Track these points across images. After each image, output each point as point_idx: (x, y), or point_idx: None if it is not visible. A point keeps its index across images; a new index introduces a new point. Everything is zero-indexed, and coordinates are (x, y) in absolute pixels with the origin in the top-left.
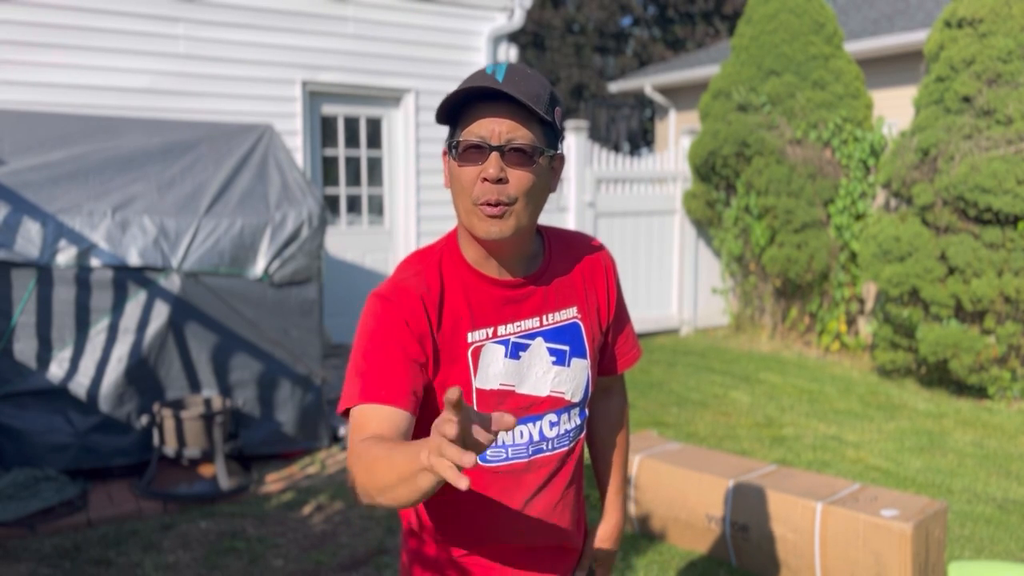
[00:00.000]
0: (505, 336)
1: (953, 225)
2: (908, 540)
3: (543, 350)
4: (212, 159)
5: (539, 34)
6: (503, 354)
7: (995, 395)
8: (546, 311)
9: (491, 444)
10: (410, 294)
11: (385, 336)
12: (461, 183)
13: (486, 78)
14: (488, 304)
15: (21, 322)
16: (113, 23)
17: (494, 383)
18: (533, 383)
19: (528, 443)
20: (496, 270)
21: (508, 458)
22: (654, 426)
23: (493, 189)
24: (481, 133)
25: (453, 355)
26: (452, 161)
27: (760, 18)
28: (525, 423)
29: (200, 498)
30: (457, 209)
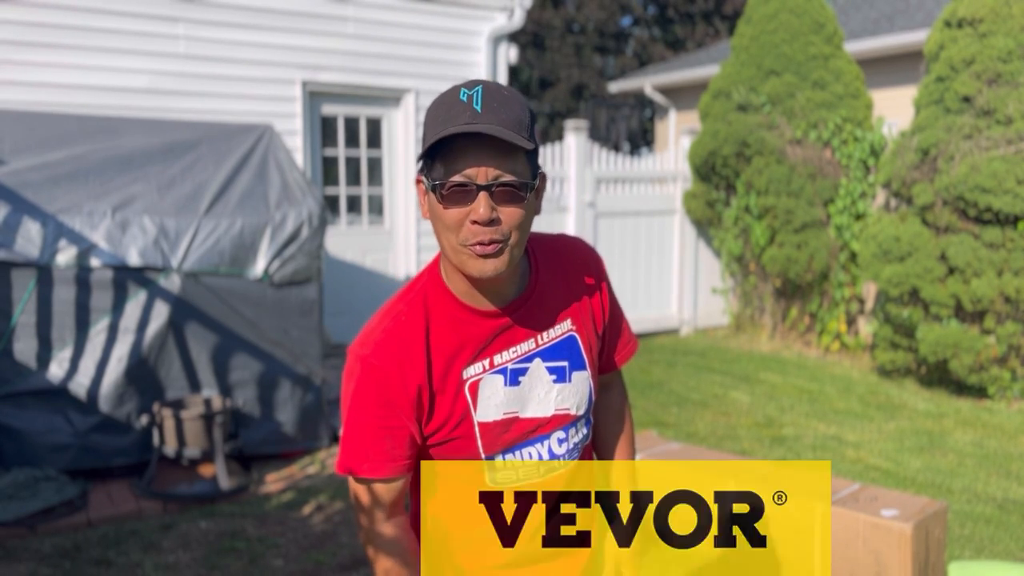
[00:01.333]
0: (502, 364)
1: (953, 225)
2: (908, 540)
3: (542, 371)
4: (212, 159)
5: (539, 34)
6: (502, 383)
7: (995, 395)
8: (540, 330)
9: None
10: (394, 351)
11: (371, 407)
12: (446, 223)
13: (466, 111)
14: (481, 337)
15: (21, 322)
16: (113, 23)
17: (496, 414)
18: (536, 405)
19: (538, 463)
20: (486, 302)
21: (520, 479)
22: (654, 426)
23: (485, 231)
24: (467, 172)
25: (450, 394)
26: (433, 199)
27: (760, 18)
28: (532, 444)
29: (200, 498)
30: (442, 246)
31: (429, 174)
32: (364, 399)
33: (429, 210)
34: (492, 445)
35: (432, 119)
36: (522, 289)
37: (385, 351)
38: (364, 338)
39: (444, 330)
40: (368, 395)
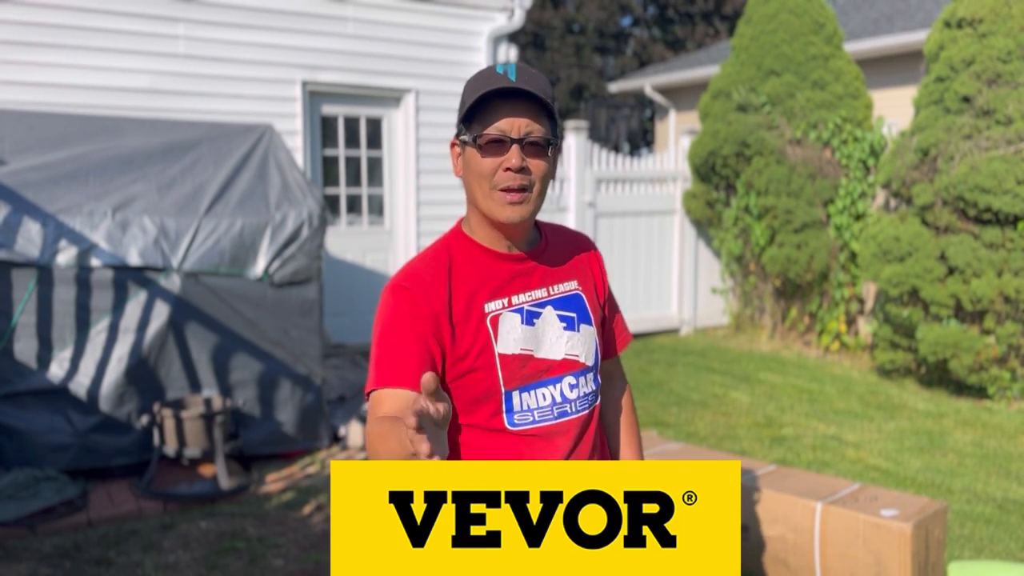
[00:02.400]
0: (519, 305)
1: (953, 225)
2: (908, 540)
3: (554, 317)
4: (212, 159)
5: (539, 34)
6: (520, 321)
7: (995, 395)
8: (551, 283)
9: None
10: (420, 277)
11: (397, 322)
12: (481, 171)
13: (502, 79)
14: (500, 277)
15: (21, 322)
16: (113, 23)
17: (515, 348)
18: (548, 347)
19: (552, 405)
20: (506, 247)
21: (535, 421)
22: (654, 426)
23: (516, 177)
24: (502, 127)
25: (473, 325)
26: (471, 151)
27: (760, 18)
28: (546, 385)
29: (200, 498)
30: (475, 195)
31: (467, 131)
32: (397, 314)
33: (464, 165)
34: (511, 379)
35: (471, 88)
36: (535, 246)
37: (411, 278)
38: (397, 274)
39: (466, 268)
40: (401, 310)
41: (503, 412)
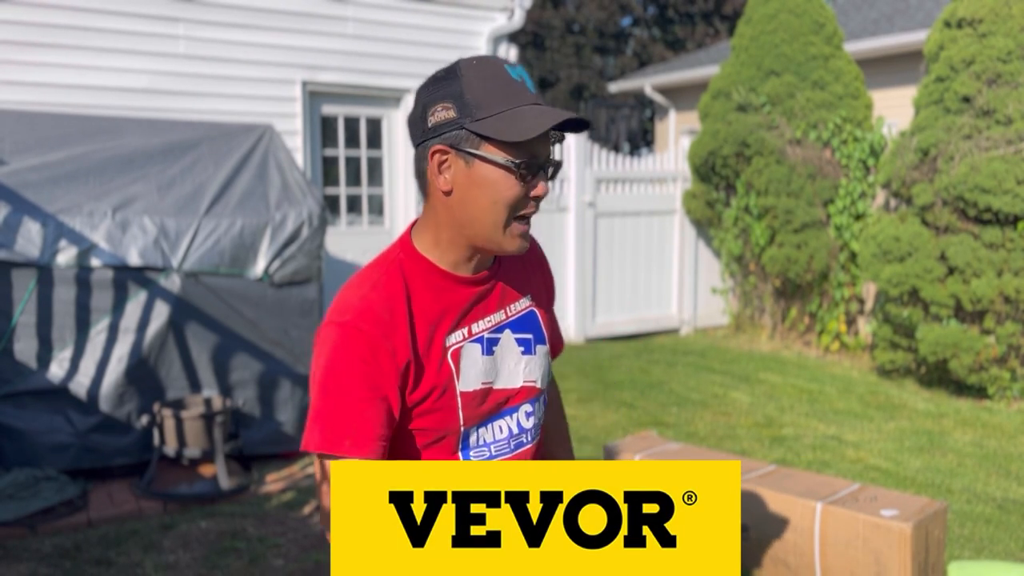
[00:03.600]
0: (479, 333)
1: (953, 225)
2: (908, 540)
3: (512, 342)
4: (212, 159)
5: (539, 34)
6: (480, 352)
7: (995, 395)
8: (508, 303)
9: None
10: (377, 314)
11: (352, 374)
12: (508, 198)
13: (525, 91)
14: (460, 304)
15: (21, 322)
16: (113, 23)
17: (476, 383)
18: (507, 376)
19: (509, 437)
20: (470, 271)
21: (492, 456)
22: (654, 426)
23: (535, 206)
24: (539, 152)
25: (435, 364)
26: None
27: (760, 18)
28: (503, 416)
29: (200, 498)
30: (479, 223)
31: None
32: (346, 367)
33: (472, 183)
34: (471, 417)
35: (486, 92)
36: (492, 263)
37: (368, 317)
38: (341, 307)
39: (425, 297)
40: (351, 362)
41: (459, 450)
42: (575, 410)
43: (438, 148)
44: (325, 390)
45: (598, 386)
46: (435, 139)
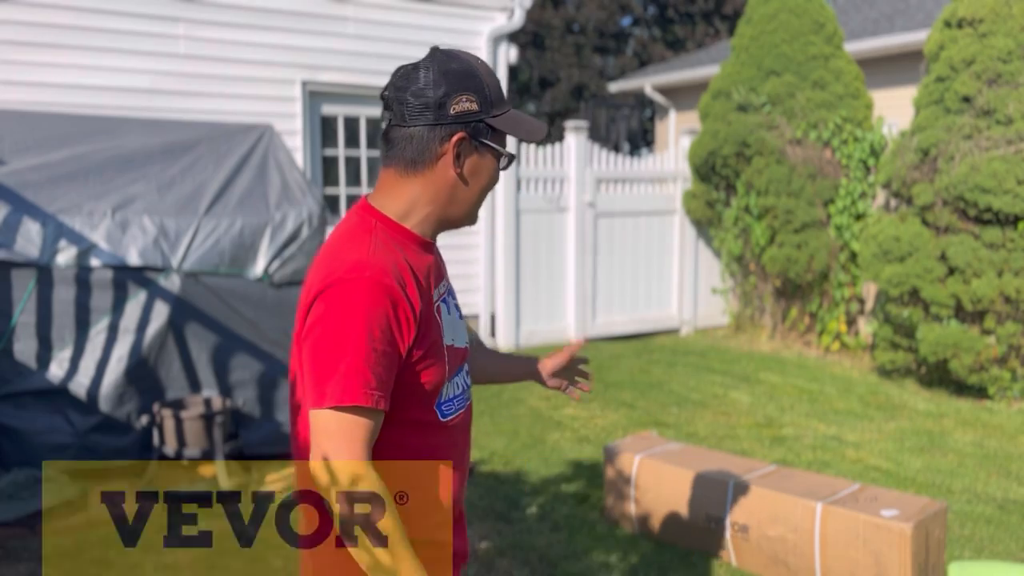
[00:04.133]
0: (443, 295)
1: (953, 225)
2: (908, 540)
3: (454, 307)
4: (212, 159)
5: (539, 34)
6: (446, 311)
7: (995, 395)
8: (446, 273)
9: None
10: (387, 268)
11: (380, 329)
12: (489, 185)
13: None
14: (431, 267)
15: (21, 322)
16: (113, 23)
17: (450, 339)
18: (459, 336)
19: (461, 393)
20: (432, 238)
21: (456, 410)
22: (654, 426)
23: None
24: (512, 151)
25: (430, 317)
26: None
27: (760, 18)
28: (459, 374)
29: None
30: (465, 203)
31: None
32: (379, 321)
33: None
34: (451, 370)
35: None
36: None
37: (388, 271)
38: (352, 265)
39: (413, 257)
40: (383, 317)
41: (437, 404)
42: (575, 410)
43: (463, 135)
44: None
45: (598, 386)
46: (458, 126)
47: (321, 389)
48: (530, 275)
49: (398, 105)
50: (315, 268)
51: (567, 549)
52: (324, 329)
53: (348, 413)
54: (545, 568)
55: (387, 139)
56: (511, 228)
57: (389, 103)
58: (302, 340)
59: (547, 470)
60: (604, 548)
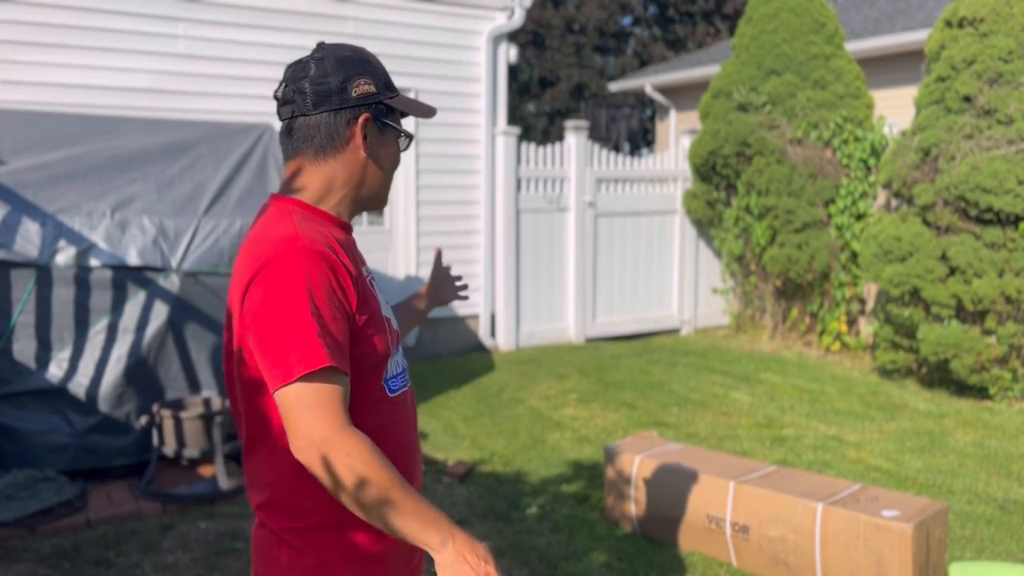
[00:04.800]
0: (370, 275)
1: (954, 225)
2: (909, 540)
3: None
4: (211, 159)
5: (539, 34)
6: (376, 289)
7: (996, 395)
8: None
9: None
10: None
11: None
12: (395, 163)
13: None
14: (352, 248)
15: (20, 322)
16: (113, 23)
17: (387, 312)
18: (393, 317)
19: (403, 370)
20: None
21: (401, 385)
22: (654, 426)
23: None
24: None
25: (363, 289)
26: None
27: (760, 18)
28: (399, 351)
29: (200, 498)
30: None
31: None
32: (325, 287)
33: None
34: (393, 342)
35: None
36: None
37: (319, 242)
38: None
39: (337, 236)
40: (327, 282)
41: (384, 379)
42: (575, 410)
43: (368, 116)
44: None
45: (598, 386)
46: (361, 108)
47: (285, 365)
48: (530, 275)
49: (300, 96)
50: (242, 257)
51: (567, 549)
52: (270, 308)
53: (318, 381)
54: (545, 568)
55: (290, 132)
56: (511, 228)
57: (289, 97)
58: (247, 329)
59: (547, 470)
60: (604, 548)
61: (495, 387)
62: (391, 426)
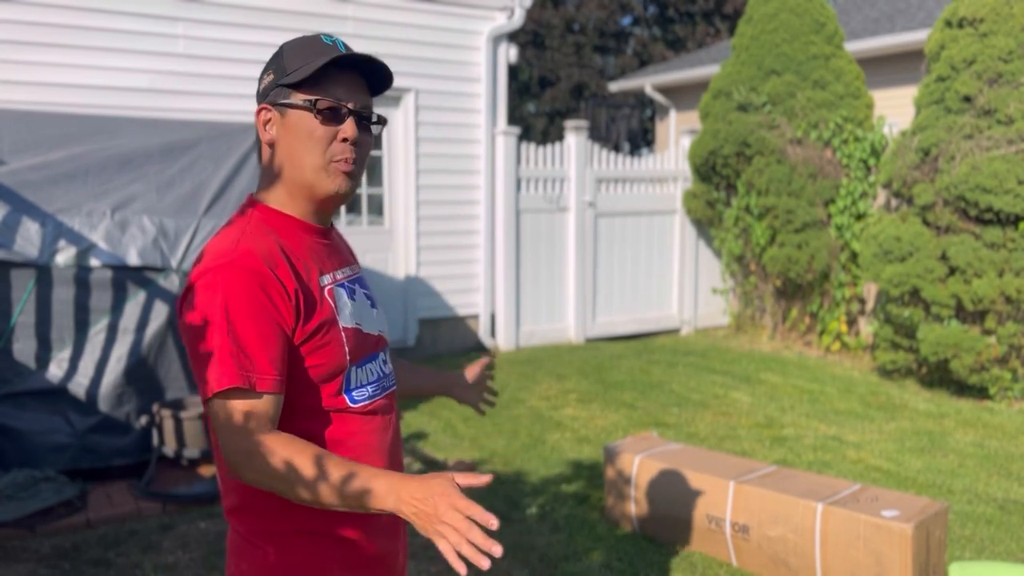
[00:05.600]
0: (341, 280)
1: (954, 225)
2: (909, 540)
3: (363, 295)
4: (211, 159)
5: (539, 34)
6: (346, 296)
7: (996, 395)
8: (350, 262)
9: None
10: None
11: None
12: (316, 139)
13: (335, 50)
14: (320, 251)
15: (20, 322)
16: (113, 23)
17: (351, 322)
18: (369, 322)
19: (378, 379)
20: (317, 221)
21: (371, 396)
22: (654, 426)
23: (349, 149)
24: (340, 97)
25: (316, 300)
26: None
27: (760, 18)
28: (372, 361)
29: (199, 498)
30: (300, 164)
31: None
32: (246, 303)
33: (287, 131)
34: (354, 353)
35: (296, 55)
36: (328, 224)
37: (250, 256)
38: (216, 253)
39: (292, 242)
40: (250, 298)
41: (344, 391)
42: (575, 410)
43: (263, 107)
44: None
45: (598, 386)
46: (263, 101)
47: (203, 382)
48: (530, 275)
49: None
50: (194, 265)
51: (567, 549)
52: (195, 321)
53: (232, 399)
54: (545, 568)
55: None
56: (511, 228)
57: None
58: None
59: (547, 470)
60: (604, 548)
61: (495, 387)
62: (355, 436)
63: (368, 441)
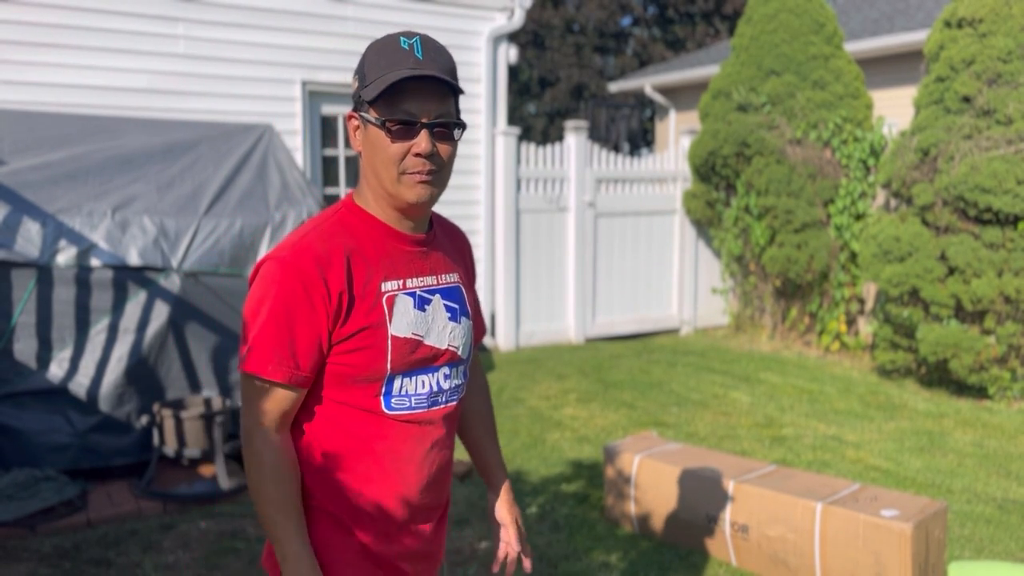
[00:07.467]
0: (413, 289)
1: (953, 225)
2: (908, 540)
3: (441, 307)
4: (212, 159)
5: (539, 34)
6: (412, 305)
7: (995, 395)
8: (440, 271)
9: None
10: (314, 253)
11: (293, 307)
12: (389, 155)
13: (409, 57)
14: (396, 258)
15: (21, 322)
16: (113, 23)
17: (407, 332)
18: (436, 335)
19: (429, 393)
20: (404, 228)
21: (411, 407)
22: (654, 426)
23: (425, 162)
24: (411, 111)
25: (368, 304)
26: (377, 133)
27: (760, 18)
28: (426, 373)
29: (200, 498)
30: (379, 176)
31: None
32: (284, 300)
33: (367, 143)
34: (398, 363)
35: (375, 64)
36: (427, 231)
37: (305, 254)
38: (283, 245)
39: (366, 245)
40: (289, 295)
41: (382, 395)
42: (575, 410)
43: (350, 114)
44: (266, 319)
45: (598, 386)
46: (351, 109)
47: (241, 356)
48: (530, 275)
49: None
50: None
51: (567, 549)
52: (247, 303)
53: (256, 381)
54: (545, 568)
55: None
56: (511, 228)
57: None
58: None
59: (547, 470)
60: (604, 548)
61: (495, 387)
62: (384, 440)
63: (395, 447)
